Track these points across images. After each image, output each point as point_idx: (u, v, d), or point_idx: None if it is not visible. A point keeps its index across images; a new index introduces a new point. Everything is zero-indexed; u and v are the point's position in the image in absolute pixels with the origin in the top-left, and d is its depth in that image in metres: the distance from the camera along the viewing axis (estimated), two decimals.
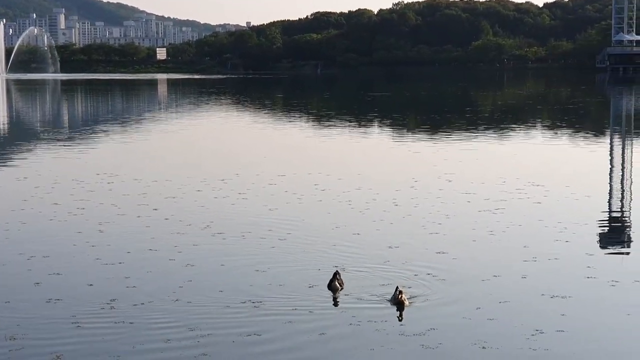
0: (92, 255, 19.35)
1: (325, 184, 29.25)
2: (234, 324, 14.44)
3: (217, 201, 26.07)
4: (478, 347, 13.37)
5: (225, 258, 18.93)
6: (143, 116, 70.37)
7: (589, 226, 22.11)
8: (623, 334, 14.09)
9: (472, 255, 19.13)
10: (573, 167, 34.00)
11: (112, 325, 14.42)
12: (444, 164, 34.77)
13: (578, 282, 16.87)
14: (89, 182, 30.01)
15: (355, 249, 19.75)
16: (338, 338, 13.84)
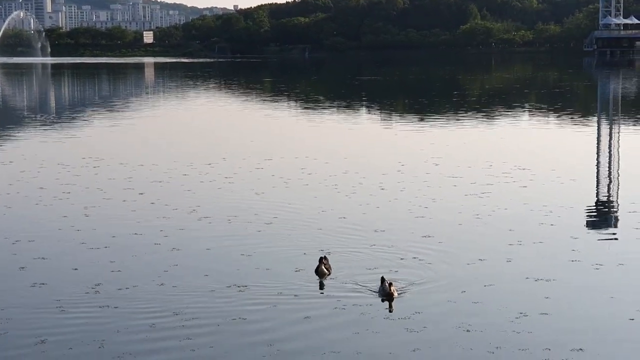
0: (78, 239, 19.32)
1: (311, 168, 29.25)
2: (219, 308, 14.45)
3: (203, 185, 26.05)
4: (462, 331, 13.41)
5: (211, 242, 18.92)
6: (130, 100, 70.16)
7: (574, 210, 22.18)
8: (606, 317, 14.15)
9: (457, 238, 19.17)
10: (559, 151, 34.07)
11: (96, 310, 14.41)
12: (430, 148, 34.79)
13: (562, 266, 16.93)
14: (74, 166, 29.93)
15: (342, 232, 19.77)
16: (323, 322, 13.86)
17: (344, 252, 18.02)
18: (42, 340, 13.06)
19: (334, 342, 12.99)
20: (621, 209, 22.56)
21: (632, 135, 39.63)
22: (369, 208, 22.47)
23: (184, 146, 36.24)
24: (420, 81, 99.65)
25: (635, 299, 14.90)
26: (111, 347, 12.77)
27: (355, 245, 18.62)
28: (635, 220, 20.93)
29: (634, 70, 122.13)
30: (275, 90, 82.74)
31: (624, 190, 25.40)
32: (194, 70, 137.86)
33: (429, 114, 52.07)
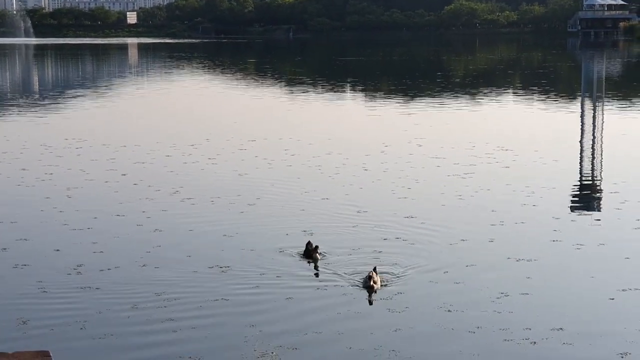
0: (60, 220, 19.27)
1: (295, 149, 29.24)
2: (201, 289, 14.45)
3: (186, 166, 26.01)
4: (444, 311, 13.47)
5: (193, 223, 18.91)
6: (113, 81, 69.87)
7: (557, 190, 22.26)
8: (586, 296, 14.23)
9: (440, 219, 19.22)
10: (542, 132, 34.15)
11: (78, 291, 14.39)
12: (414, 128, 34.82)
13: (544, 246, 17.01)
14: (57, 147, 29.83)
15: (324, 213, 19.79)
16: (305, 303, 13.88)
17: (327, 232, 18.04)
18: (24, 322, 13.04)
19: (316, 322, 13.02)
20: (603, 190, 22.66)
21: (616, 116, 39.75)
22: (352, 189, 22.50)
23: (167, 127, 36.15)
24: (404, 62, 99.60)
25: (616, 278, 14.99)
26: (93, 328, 12.76)
27: (338, 225, 18.65)
28: (617, 201, 21.03)
29: (618, 51, 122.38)
30: (259, 71, 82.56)
31: (606, 171, 25.51)
32: (178, 51, 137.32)
33: (412, 95, 52.07)
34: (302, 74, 76.94)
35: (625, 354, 11.79)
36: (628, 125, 36.16)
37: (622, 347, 11.98)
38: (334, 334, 12.60)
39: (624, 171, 25.02)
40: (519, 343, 12.17)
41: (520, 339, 12.30)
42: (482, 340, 12.31)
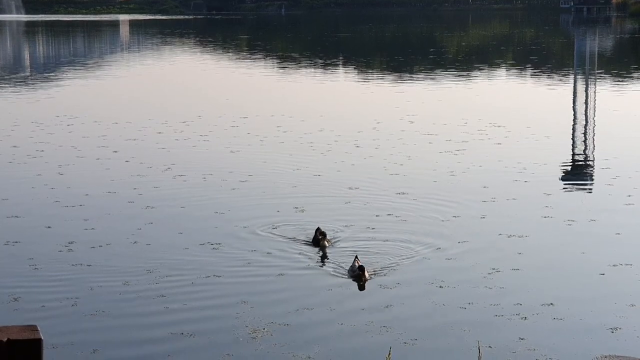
0: (51, 197, 19.23)
1: (287, 125, 29.20)
2: (193, 266, 14.46)
3: (178, 143, 25.96)
4: (435, 287, 13.49)
5: (185, 200, 18.89)
6: (104, 58, 69.62)
7: (548, 167, 22.29)
8: (577, 272, 14.28)
9: (432, 195, 19.23)
10: (535, 108, 34.16)
11: (70, 268, 14.38)
12: (406, 105, 34.79)
13: (535, 222, 17.05)
14: (48, 124, 29.74)
15: (316, 190, 19.79)
16: (297, 279, 13.91)
17: (319, 209, 18.05)
18: (15, 299, 13.04)
19: (307, 298, 13.04)
20: (595, 166, 22.70)
21: (608, 93, 39.77)
22: (344, 165, 22.49)
23: (159, 104, 36.07)
24: (396, 38, 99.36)
25: (607, 254, 15.04)
26: (84, 305, 12.77)
27: (330, 202, 18.66)
28: (608, 176, 21.07)
29: (611, 27, 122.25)
30: (252, 47, 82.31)
31: (598, 147, 25.55)
32: (170, 28, 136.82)
33: (404, 71, 51.99)
34: (294, 51, 76.74)
35: (615, 329, 11.83)
36: (620, 102, 36.19)
37: (612, 323, 12.03)
38: (326, 310, 12.63)
39: (615, 147, 25.05)
40: (509, 318, 12.21)
41: (511, 314, 12.34)
42: (473, 316, 12.34)
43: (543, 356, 10.97)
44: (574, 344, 11.38)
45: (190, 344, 11.45)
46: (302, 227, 16.67)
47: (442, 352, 11.25)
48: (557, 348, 11.22)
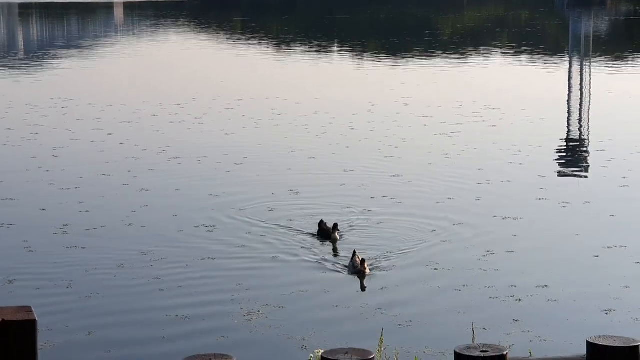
0: (46, 180, 19.20)
1: (282, 108, 29.14)
2: (187, 248, 14.46)
3: (173, 126, 25.91)
4: (430, 269, 13.51)
5: (180, 183, 18.87)
6: (99, 40, 69.40)
7: (543, 149, 22.29)
8: (571, 254, 14.31)
9: (427, 178, 19.24)
10: (530, 91, 34.12)
11: (64, 250, 14.37)
12: (401, 87, 34.72)
13: (530, 204, 17.06)
14: (43, 107, 29.63)
15: (311, 172, 19.78)
16: (291, 261, 13.92)
17: (314, 191, 18.05)
18: (10, 281, 13.03)
19: (302, 281, 13.06)
20: (590, 148, 22.71)
21: (603, 75, 39.74)
22: (338, 148, 22.47)
23: (153, 86, 35.98)
24: (391, 20, 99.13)
25: (601, 236, 15.07)
26: (79, 287, 12.77)
27: (325, 184, 18.66)
28: (603, 159, 21.08)
29: (606, 10, 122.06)
30: (247, 29, 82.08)
31: (593, 129, 25.55)
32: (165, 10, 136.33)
33: (399, 53, 51.90)
34: (289, 33, 76.54)
35: (609, 310, 11.87)
36: (615, 84, 36.16)
37: (606, 304, 12.06)
38: (320, 292, 12.64)
39: (610, 129, 25.05)
40: (504, 300, 12.23)
41: (505, 296, 12.36)
42: (467, 298, 12.37)
43: (537, 337, 11.00)
44: (567, 326, 11.41)
45: (184, 326, 11.46)
46: (297, 209, 16.68)
47: (436, 334, 11.28)
48: (551, 329, 11.26)
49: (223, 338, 11.04)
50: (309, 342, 10.73)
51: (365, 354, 2.55)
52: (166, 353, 10.64)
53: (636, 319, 11.61)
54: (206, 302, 12.27)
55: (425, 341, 11.05)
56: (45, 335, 10.90)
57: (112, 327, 11.50)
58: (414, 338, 11.17)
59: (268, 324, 11.48)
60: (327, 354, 2.60)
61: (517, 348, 9.76)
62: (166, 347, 10.82)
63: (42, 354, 7.01)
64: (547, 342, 10.86)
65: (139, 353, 10.74)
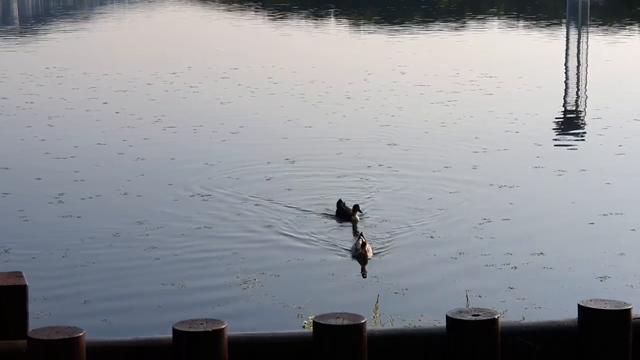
0: (41, 149, 19.14)
1: (278, 77, 29.02)
2: (183, 217, 14.44)
3: (168, 95, 25.82)
4: (426, 237, 13.51)
5: (175, 152, 18.82)
6: (94, 10, 69.04)
7: (539, 117, 22.24)
8: (567, 221, 14.31)
9: (423, 146, 19.22)
10: (526, 59, 34.01)
11: (60, 219, 14.35)
12: (397, 56, 34.58)
13: (526, 172, 17.05)
14: (37, 76, 29.50)
15: (307, 141, 19.74)
16: (286, 230, 13.90)
17: (310, 160, 18.01)
18: (6, 250, 13.02)
19: (297, 248, 13.06)
20: (586, 116, 22.68)
21: (600, 43, 39.60)
22: (335, 117, 22.41)
23: (149, 55, 35.81)
24: None
25: (596, 204, 15.07)
26: (75, 255, 12.76)
27: (321, 153, 18.61)
28: (599, 127, 21.05)
29: None
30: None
31: (590, 97, 25.50)
32: None
33: (396, 22, 51.67)
34: (286, 1, 76.16)
35: (604, 277, 11.88)
36: (612, 52, 36.05)
37: (601, 271, 12.08)
38: (316, 261, 12.65)
39: (606, 98, 24.99)
40: (500, 268, 12.24)
41: (501, 264, 12.37)
42: (463, 266, 12.38)
43: (532, 305, 11.02)
44: (563, 293, 11.43)
45: (180, 295, 11.47)
46: (293, 178, 16.67)
47: (432, 302, 11.29)
48: (546, 297, 11.28)
49: (219, 306, 11.04)
50: (304, 310, 10.73)
51: (357, 318, 2.54)
52: (162, 321, 10.63)
53: (631, 285, 11.64)
54: (202, 271, 12.27)
55: (420, 309, 11.07)
56: (41, 304, 10.91)
57: (108, 296, 11.50)
58: (409, 306, 11.18)
59: (264, 293, 11.49)
60: (318, 318, 2.58)
61: (512, 314, 9.78)
62: (162, 315, 10.82)
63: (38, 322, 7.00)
64: (541, 309, 10.88)
65: (134, 321, 10.75)
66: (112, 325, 10.63)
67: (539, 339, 2.45)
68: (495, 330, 2.47)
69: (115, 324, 10.69)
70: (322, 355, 2.50)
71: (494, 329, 2.47)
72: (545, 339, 2.46)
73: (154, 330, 2.59)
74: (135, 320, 10.87)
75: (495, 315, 2.48)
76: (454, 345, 2.50)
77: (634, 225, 13.91)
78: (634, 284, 11.68)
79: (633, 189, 16.02)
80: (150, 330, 10.83)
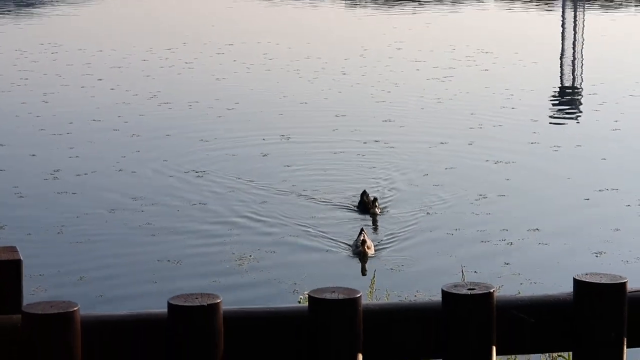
0: (36, 125, 19.08)
1: (274, 53, 28.93)
2: (178, 193, 14.43)
3: (163, 71, 25.73)
4: (422, 213, 13.52)
5: (171, 128, 18.78)
6: None
7: (535, 93, 22.20)
8: (563, 197, 14.32)
9: (419, 122, 19.20)
10: (523, 34, 33.93)
11: (55, 196, 14.34)
12: (393, 32, 34.48)
13: (522, 148, 17.04)
14: (32, 52, 29.37)
15: (303, 117, 19.71)
16: (280, 205, 13.90)
17: (306, 136, 17.99)
18: (1, 226, 13.00)
19: (291, 223, 13.06)
20: (582, 92, 22.65)
21: (596, 18, 39.51)
22: (330, 93, 22.36)
23: (143, 31, 35.68)
24: None
25: (591, 179, 15.08)
26: (70, 232, 12.75)
27: (317, 130, 18.59)
28: (595, 102, 21.03)
29: None
30: None
31: (585, 73, 25.46)
32: None
33: None
34: None
35: (600, 253, 11.91)
36: (608, 27, 35.98)
37: (597, 247, 12.11)
38: (312, 236, 12.66)
39: (603, 73, 24.95)
40: (496, 244, 12.27)
41: (497, 240, 12.39)
42: (459, 242, 12.40)
43: (527, 280, 11.05)
44: (558, 268, 11.45)
45: (175, 270, 11.48)
46: (289, 155, 16.65)
47: (428, 277, 11.31)
48: (542, 273, 11.31)
49: (214, 282, 11.06)
50: (299, 286, 10.75)
51: (352, 292, 2.53)
52: (158, 297, 10.64)
53: (626, 260, 11.67)
54: (197, 247, 12.28)
55: (416, 285, 11.10)
56: (36, 280, 10.92)
57: (103, 272, 11.51)
58: (405, 282, 11.21)
59: (259, 268, 11.51)
60: (314, 292, 2.57)
61: (507, 290, 9.80)
62: (158, 291, 10.83)
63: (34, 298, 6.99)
64: (537, 284, 10.91)
65: (130, 297, 10.76)
66: (107, 300, 10.65)
67: (534, 312, 2.45)
68: (490, 304, 2.47)
69: (111, 299, 10.70)
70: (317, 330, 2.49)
71: (489, 302, 2.47)
72: (540, 312, 2.46)
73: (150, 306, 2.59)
74: (130, 295, 10.88)
75: (491, 289, 2.48)
76: (450, 319, 2.49)
77: (629, 200, 13.93)
78: (629, 259, 11.71)
79: (628, 165, 16.03)
80: (146, 306, 10.86)
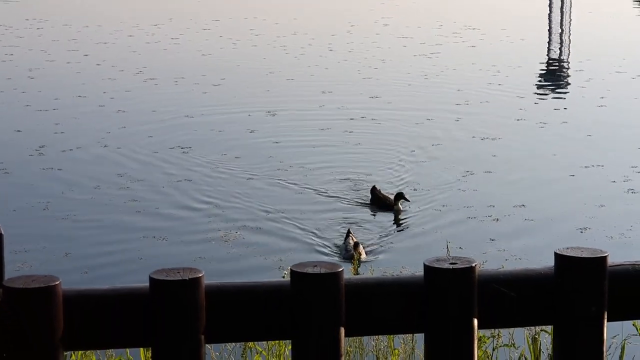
0: (22, 101, 18.98)
1: (260, 29, 28.81)
2: (163, 170, 14.39)
3: (149, 47, 25.60)
4: (409, 189, 13.53)
5: (156, 104, 18.70)
6: None
7: (523, 69, 22.20)
8: (548, 174, 14.35)
9: (406, 99, 19.17)
10: (510, 10, 33.88)
11: (41, 172, 14.28)
12: (380, 8, 34.36)
13: (508, 125, 17.06)
14: (17, 28, 29.17)
15: (290, 94, 19.66)
16: (267, 180, 13.89)
17: (292, 112, 17.96)
18: None
19: (280, 201, 13.06)
20: (569, 69, 22.65)
21: None
22: (317, 69, 22.30)
23: (130, 7, 35.45)
24: None
25: (577, 156, 15.12)
26: (56, 208, 12.72)
27: (303, 106, 18.55)
28: (581, 79, 21.05)
29: None
30: None
31: (573, 49, 25.45)
32: None
33: None
34: None
35: (584, 229, 11.95)
36: (596, 3, 35.94)
37: (582, 223, 12.15)
38: (297, 212, 12.65)
39: (590, 49, 24.96)
40: (482, 220, 12.29)
41: (483, 216, 12.42)
42: (446, 218, 12.42)
43: (512, 256, 11.08)
44: (543, 244, 11.46)
45: (161, 247, 11.47)
46: (275, 131, 16.63)
47: (413, 254, 11.32)
48: (527, 248, 11.34)
49: (200, 258, 11.05)
50: (285, 262, 10.74)
51: (335, 267, 2.52)
52: (143, 273, 10.62)
53: (611, 237, 11.71)
54: (183, 223, 12.26)
55: (401, 261, 11.11)
56: (22, 256, 10.89)
57: (89, 249, 11.48)
58: (390, 258, 11.23)
59: (245, 245, 11.51)
60: (296, 266, 2.57)
61: (492, 265, 9.83)
62: (143, 267, 10.81)
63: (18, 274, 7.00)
64: (522, 260, 10.95)
65: (115, 273, 10.73)
66: (92, 277, 10.63)
67: (516, 286, 2.45)
68: (472, 278, 2.47)
69: (96, 275, 10.68)
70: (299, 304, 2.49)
71: (471, 276, 2.47)
72: (521, 286, 2.46)
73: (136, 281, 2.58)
74: (116, 271, 10.86)
75: (472, 263, 2.48)
76: (431, 292, 2.49)
77: (614, 177, 13.97)
78: (613, 235, 11.76)
79: (614, 141, 16.07)
80: (132, 281, 10.83)
